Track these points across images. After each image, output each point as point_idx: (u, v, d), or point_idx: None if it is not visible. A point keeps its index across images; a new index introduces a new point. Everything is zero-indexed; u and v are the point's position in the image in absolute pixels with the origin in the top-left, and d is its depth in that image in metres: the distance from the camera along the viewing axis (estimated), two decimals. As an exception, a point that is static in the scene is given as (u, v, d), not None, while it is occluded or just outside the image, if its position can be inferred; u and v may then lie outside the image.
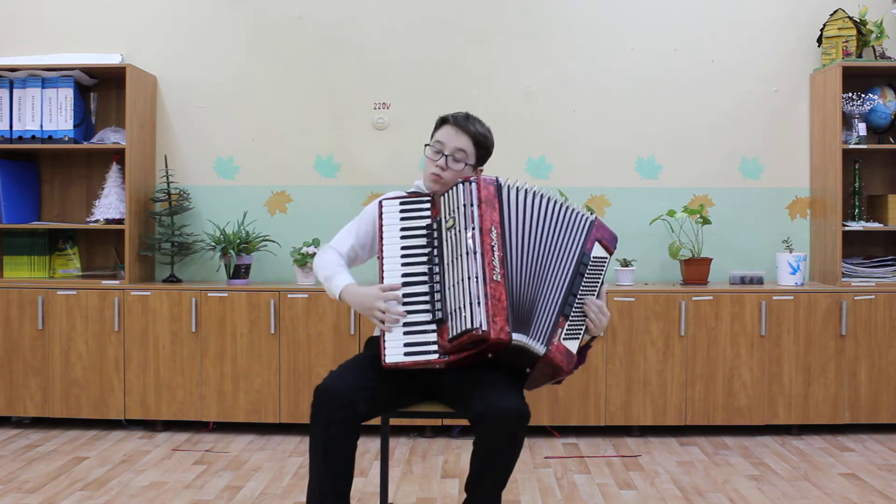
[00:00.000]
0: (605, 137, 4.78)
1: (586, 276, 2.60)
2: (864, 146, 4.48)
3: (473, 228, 2.53)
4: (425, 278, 2.57)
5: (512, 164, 4.74)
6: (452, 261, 2.53)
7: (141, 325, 4.36)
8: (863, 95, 4.48)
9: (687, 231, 4.63)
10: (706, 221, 4.53)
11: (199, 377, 4.35)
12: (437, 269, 2.56)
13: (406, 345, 2.51)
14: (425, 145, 2.84)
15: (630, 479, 3.66)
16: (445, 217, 2.59)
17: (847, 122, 4.54)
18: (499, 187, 2.60)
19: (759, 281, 4.52)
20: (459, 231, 2.54)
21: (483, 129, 2.84)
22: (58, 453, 4.02)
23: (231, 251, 4.45)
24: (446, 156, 2.77)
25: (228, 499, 3.40)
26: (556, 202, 2.66)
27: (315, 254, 4.42)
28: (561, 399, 4.30)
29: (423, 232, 2.63)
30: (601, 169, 4.77)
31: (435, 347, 2.49)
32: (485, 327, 2.42)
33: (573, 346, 2.56)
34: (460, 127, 2.80)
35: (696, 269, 4.49)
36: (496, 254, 2.51)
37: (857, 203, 4.59)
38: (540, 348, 2.50)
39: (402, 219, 2.66)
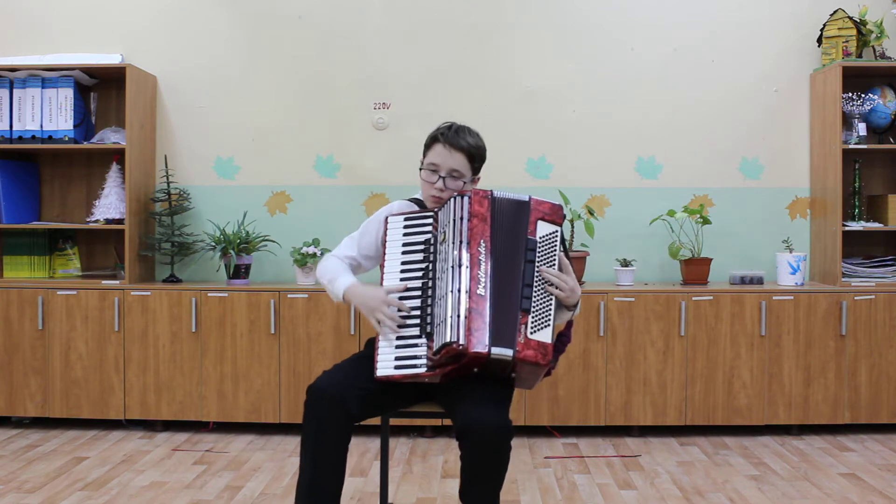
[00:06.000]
0: (605, 137, 4.78)
1: (538, 259, 2.55)
2: (864, 146, 4.48)
3: (461, 242, 2.53)
4: (419, 292, 2.58)
5: (512, 164, 4.75)
6: (441, 274, 2.53)
7: (141, 325, 4.36)
8: (863, 95, 4.48)
9: (687, 231, 4.63)
10: (706, 221, 4.53)
11: (199, 377, 4.35)
12: (430, 283, 2.56)
13: (397, 358, 2.52)
14: (420, 168, 2.75)
15: (630, 479, 3.66)
16: (439, 231, 2.60)
17: (847, 122, 4.54)
18: (492, 200, 2.59)
19: (759, 281, 4.52)
20: (449, 245, 2.54)
21: (475, 141, 2.73)
22: (58, 453, 4.02)
23: (231, 251, 4.45)
24: (443, 177, 2.69)
25: (228, 499, 3.41)
26: (511, 200, 2.61)
27: (315, 254, 4.43)
28: (561, 399, 4.30)
29: (422, 247, 2.63)
30: (601, 169, 4.77)
31: (424, 361, 2.49)
32: (462, 341, 2.41)
33: (545, 335, 2.49)
34: (452, 145, 2.68)
35: (696, 269, 4.49)
36: (483, 267, 2.50)
37: (857, 203, 4.59)
38: (507, 353, 2.44)
39: (405, 234, 2.67)
